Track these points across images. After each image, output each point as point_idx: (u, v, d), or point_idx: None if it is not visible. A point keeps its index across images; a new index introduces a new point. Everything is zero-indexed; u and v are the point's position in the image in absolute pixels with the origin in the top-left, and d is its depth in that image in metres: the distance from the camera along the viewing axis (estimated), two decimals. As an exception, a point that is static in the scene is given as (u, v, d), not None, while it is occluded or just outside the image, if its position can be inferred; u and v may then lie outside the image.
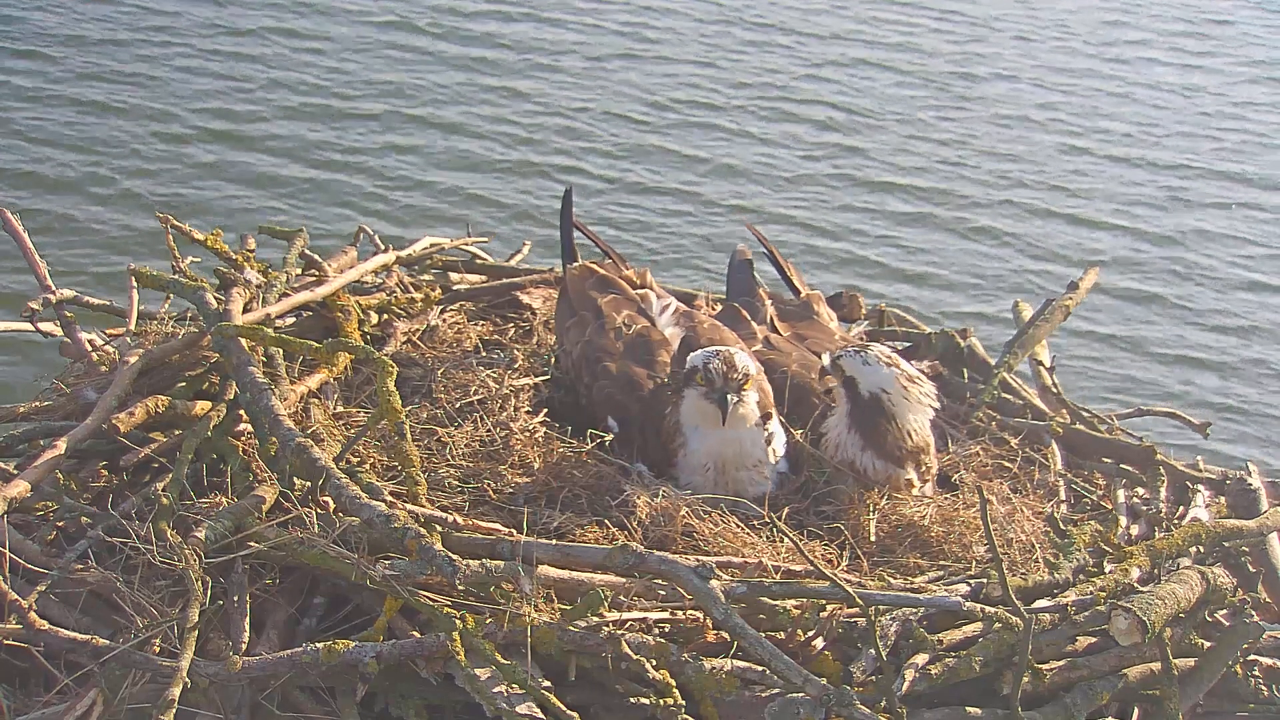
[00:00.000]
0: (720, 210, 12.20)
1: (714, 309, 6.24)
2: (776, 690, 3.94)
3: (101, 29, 13.86)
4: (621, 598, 4.08)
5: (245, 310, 4.97)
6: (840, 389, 5.10)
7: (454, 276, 6.73)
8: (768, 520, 4.59)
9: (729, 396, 4.82)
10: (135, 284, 5.33)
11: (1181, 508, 5.39)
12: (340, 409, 5.09)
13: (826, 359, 5.20)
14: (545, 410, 5.26)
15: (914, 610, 4.19)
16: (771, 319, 5.95)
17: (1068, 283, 6.80)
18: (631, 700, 3.98)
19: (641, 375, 5.24)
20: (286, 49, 14.07)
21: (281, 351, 4.97)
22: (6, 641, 3.90)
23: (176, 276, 5.14)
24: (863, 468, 5.04)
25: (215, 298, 4.95)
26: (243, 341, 4.66)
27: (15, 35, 13.49)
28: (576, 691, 3.95)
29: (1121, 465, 5.73)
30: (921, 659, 4.07)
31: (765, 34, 16.36)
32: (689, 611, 4.11)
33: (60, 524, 4.46)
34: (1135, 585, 4.58)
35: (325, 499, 4.25)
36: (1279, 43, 18.41)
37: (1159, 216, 13.19)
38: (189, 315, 5.12)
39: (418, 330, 5.90)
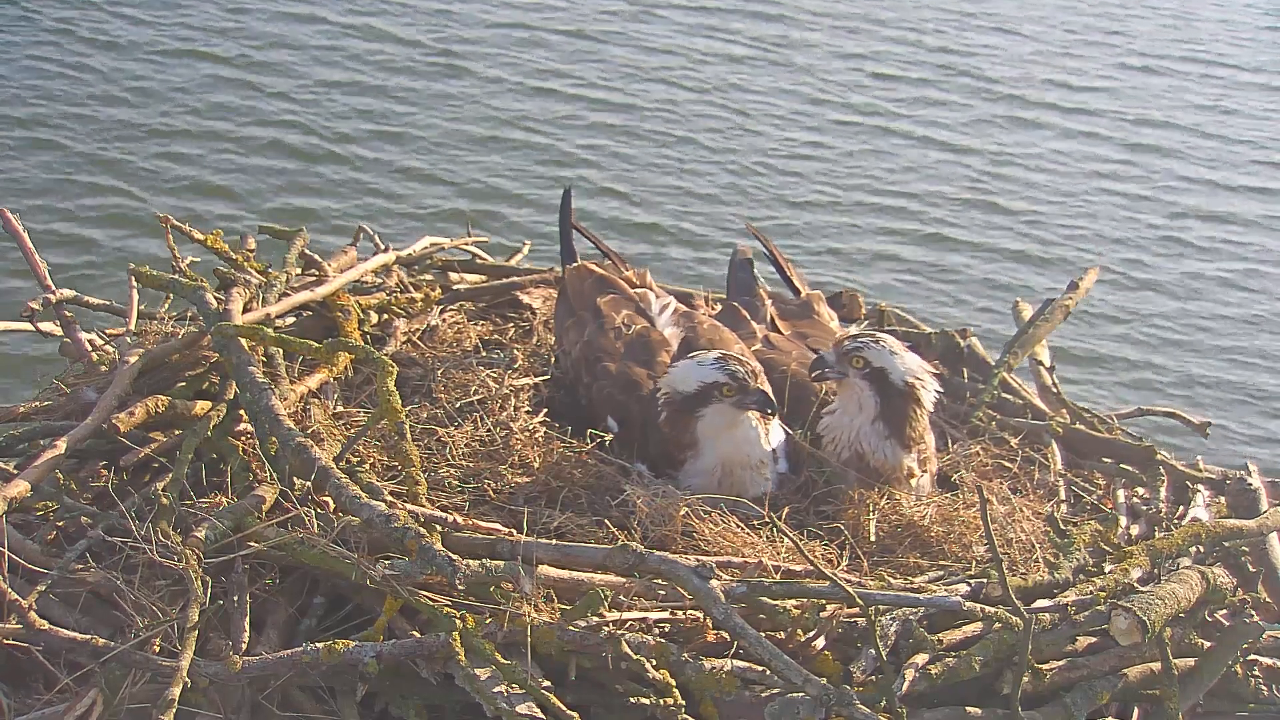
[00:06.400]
0: (720, 210, 12.20)
1: (714, 309, 6.24)
2: (776, 690, 3.94)
3: (102, 29, 13.86)
4: (621, 598, 4.08)
5: (245, 310, 4.97)
6: (860, 382, 5.04)
7: (454, 276, 6.73)
8: (768, 520, 4.59)
9: (765, 389, 4.83)
10: (135, 284, 5.33)
11: (1181, 508, 5.39)
12: (340, 409, 5.09)
13: (831, 354, 5.10)
14: (545, 410, 5.26)
15: (914, 610, 4.19)
16: (772, 318, 5.95)
17: (1068, 283, 6.81)
18: (631, 700, 3.97)
19: (641, 375, 5.24)
20: (288, 51, 14.08)
21: (281, 351, 4.97)
22: (6, 641, 3.90)
23: (176, 276, 5.13)
24: (878, 458, 5.02)
25: (215, 297, 4.94)
26: (243, 341, 4.66)
27: (16, 35, 13.48)
28: (576, 691, 3.95)
29: (1121, 465, 5.73)
30: (921, 659, 4.07)
31: (766, 35, 16.36)
32: (689, 611, 4.11)
33: (60, 524, 4.46)
34: (1135, 585, 4.58)
35: (325, 499, 4.25)
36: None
37: (1159, 216, 13.19)
38: (189, 315, 5.12)
39: (418, 330, 5.90)
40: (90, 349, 5.37)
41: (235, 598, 4.06)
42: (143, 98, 12.79)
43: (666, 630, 4.09)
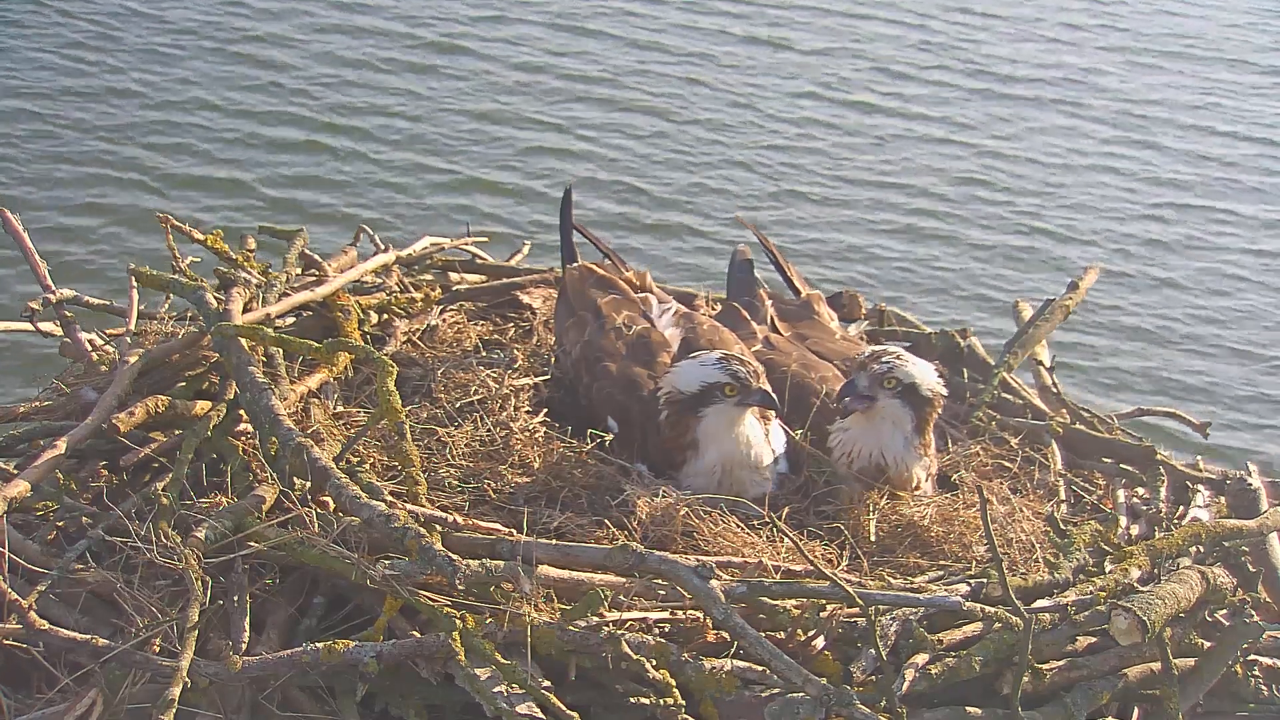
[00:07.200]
0: (720, 210, 12.21)
1: (714, 309, 6.24)
2: (776, 690, 3.94)
3: (103, 28, 13.87)
4: (621, 598, 4.08)
5: (245, 310, 4.97)
6: (892, 401, 5.01)
7: (454, 276, 6.72)
8: (768, 520, 4.59)
9: (766, 388, 4.83)
10: (135, 284, 5.33)
11: (1181, 508, 5.39)
12: (340, 409, 5.09)
13: (862, 378, 5.01)
14: (545, 410, 5.26)
15: (914, 610, 4.19)
16: (771, 319, 5.94)
17: (1068, 283, 6.80)
18: (631, 700, 3.97)
19: (642, 376, 5.24)
20: (290, 50, 14.09)
21: (281, 351, 4.97)
22: (6, 641, 3.90)
23: (176, 276, 5.13)
24: (897, 470, 5.02)
25: (215, 297, 4.94)
26: (243, 341, 4.66)
27: (16, 35, 13.49)
28: (576, 691, 3.95)
29: (1121, 465, 5.73)
30: (921, 659, 4.07)
31: (765, 36, 16.36)
32: (689, 611, 4.11)
33: (60, 524, 4.46)
34: (1135, 585, 4.58)
35: (325, 499, 4.25)
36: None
37: (1160, 215, 13.20)
38: (189, 315, 5.12)
39: (418, 330, 5.90)
40: (90, 349, 5.37)
41: (235, 598, 4.06)
42: (144, 87, 12.83)
43: (666, 630, 4.09)
